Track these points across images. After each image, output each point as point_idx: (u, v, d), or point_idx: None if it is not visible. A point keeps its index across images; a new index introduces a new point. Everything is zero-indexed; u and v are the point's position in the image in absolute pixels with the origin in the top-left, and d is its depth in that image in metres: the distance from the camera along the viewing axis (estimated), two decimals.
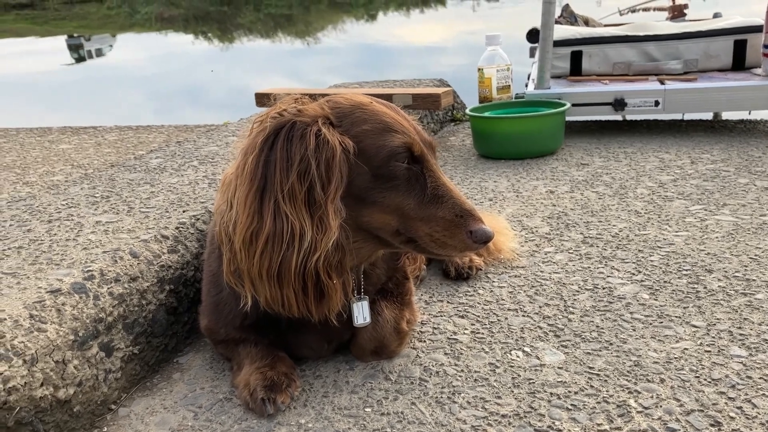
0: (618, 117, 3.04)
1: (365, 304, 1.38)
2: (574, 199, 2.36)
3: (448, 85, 3.75)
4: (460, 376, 1.37)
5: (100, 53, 19.00)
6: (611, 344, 1.45)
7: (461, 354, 1.46)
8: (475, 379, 1.36)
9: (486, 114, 3.00)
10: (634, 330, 1.50)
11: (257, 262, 1.18)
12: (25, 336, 1.20)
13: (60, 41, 21.01)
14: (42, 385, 1.20)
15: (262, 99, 3.21)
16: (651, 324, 1.52)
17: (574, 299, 1.66)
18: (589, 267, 1.83)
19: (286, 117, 1.21)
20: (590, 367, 1.37)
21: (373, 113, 1.25)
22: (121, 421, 1.32)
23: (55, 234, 1.62)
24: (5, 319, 1.20)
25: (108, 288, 1.38)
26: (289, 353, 1.42)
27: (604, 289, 1.71)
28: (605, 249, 1.94)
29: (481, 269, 1.84)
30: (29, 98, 9.78)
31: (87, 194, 1.96)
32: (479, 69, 3.23)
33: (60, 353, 1.24)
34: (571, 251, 1.94)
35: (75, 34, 21.29)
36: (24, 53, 18.97)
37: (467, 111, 2.98)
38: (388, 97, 2.93)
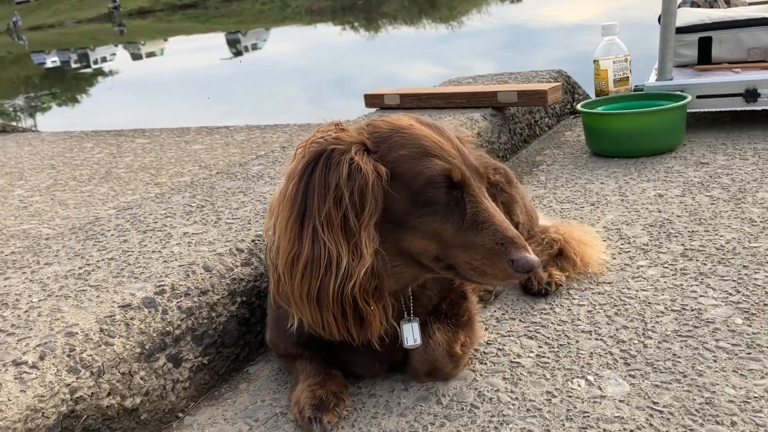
0: (757, 108, 2.76)
1: (416, 325, 1.37)
2: (683, 204, 2.19)
3: (567, 77, 3.59)
4: (513, 405, 1.33)
5: (255, 47, 20.04)
6: (685, 376, 1.34)
7: (520, 380, 1.41)
8: (528, 409, 1.31)
9: (598, 109, 2.85)
10: (715, 361, 1.38)
11: (298, 285, 1.21)
12: (94, 349, 1.30)
13: (220, 37, 22.34)
14: (109, 395, 1.30)
15: (372, 100, 3.24)
16: (736, 355, 1.39)
17: (656, 322, 1.55)
18: (681, 284, 1.70)
19: (323, 144, 1.22)
20: (654, 402, 1.28)
21: (411, 137, 1.23)
22: (184, 429, 1.40)
23: (145, 245, 1.74)
24: (77, 333, 1.31)
25: (177, 302, 1.47)
26: (344, 370, 1.44)
27: (692, 311, 1.58)
28: (705, 263, 1.78)
29: (561, 285, 1.76)
30: (195, 92, 10.53)
31: (185, 203, 2.09)
32: (595, 61, 3.07)
33: (126, 365, 1.34)
34: (666, 265, 1.81)
35: (233, 30, 22.57)
36: (189, 50, 20.39)
37: (578, 106, 2.85)
38: (492, 95, 2.86)
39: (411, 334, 1.37)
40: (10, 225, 2.82)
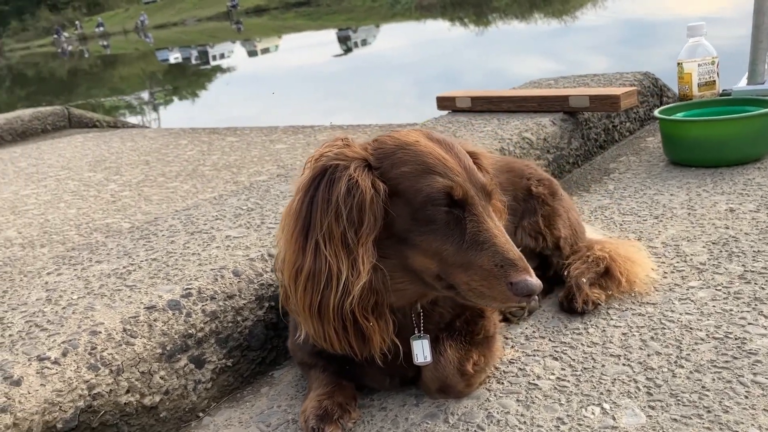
0: None
1: (426, 342, 1.35)
2: (755, 220, 2.04)
3: (655, 80, 3.41)
4: (519, 429, 1.29)
5: (365, 43, 20.32)
6: (709, 411, 1.25)
7: (533, 403, 1.36)
8: None
9: (678, 115, 2.70)
10: (747, 397, 1.28)
11: (301, 297, 1.23)
12: (115, 348, 1.37)
13: (331, 34, 22.79)
14: (128, 392, 1.37)
15: (444, 102, 3.21)
16: None
17: (693, 350, 1.46)
18: (731, 309, 1.59)
19: (328, 159, 1.23)
20: None
21: (415, 154, 1.22)
22: (201, 429, 1.45)
23: (188, 247, 1.81)
24: (101, 332, 1.39)
25: (202, 305, 1.52)
26: (357, 382, 1.44)
27: (735, 339, 1.47)
28: (763, 288, 1.66)
29: (600, 304, 1.68)
30: (307, 88, 10.84)
31: (238, 206, 2.15)
32: (678, 63, 2.90)
33: (146, 365, 1.40)
34: (719, 287, 1.69)
35: (344, 27, 22.97)
36: (302, 46, 20.95)
37: (656, 112, 2.70)
38: (564, 99, 2.77)
39: (421, 351, 1.35)
40: (96, 218, 3.00)
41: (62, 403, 1.27)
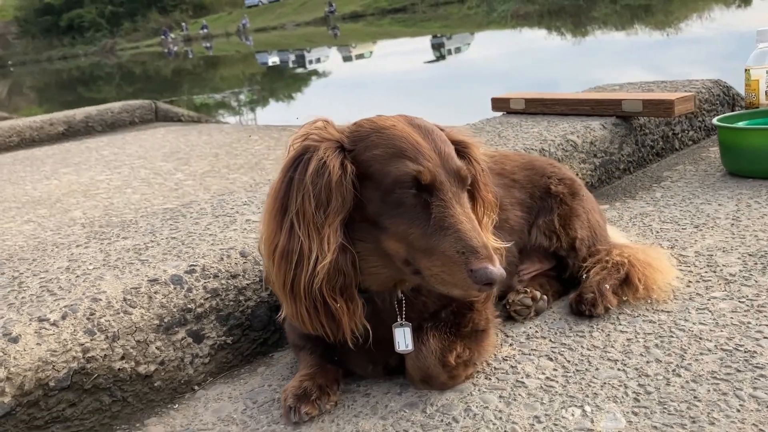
0: None
1: (407, 330, 1.34)
2: None
3: (727, 88, 3.24)
4: (493, 424, 1.26)
5: (458, 51, 20.28)
6: (694, 422, 1.19)
7: (515, 400, 1.33)
8: (506, 431, 1.23)
9: (740, 124, 2.56)
10: (739, 410, 1.20)
11: (276, 275, 1.25)
12: (113, 316, 1.44)
13: (425, 41, 22.85)
14: (122, 359, 1.43)
15: (498, 104, 3.17)
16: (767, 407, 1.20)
17: (696, 360, 1.38)
18: (749, 322, 1.49)
19: (307, 141, 1.25)
20: None
21: (389, 138, 1.22)
22: (192, 402, 1.49)
23: (208, 229, 1.87)
24: (101, 299, 1.45)
25: (204, 282, 1.57)
26: (344, 367, 1.45)
27: (745, 353, 1.38)
28: None
29: (609, 308, 1.61)
30: (398, 93, 10.93)
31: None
32: (746, 70, 2.75)
33: (142, 334, 1.46)
34: (743, 299, 1.60)
35: (438, 34, 22.99)
36: (396, 53, 21.12)
37: (715, 120, 2.57)
38: (617, 103, 2.68)
39: (403, 338, 1.35)
40: (155, 204, 3.14)
41: (56, 362, 1.34)
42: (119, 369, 1.42)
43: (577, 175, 2.49)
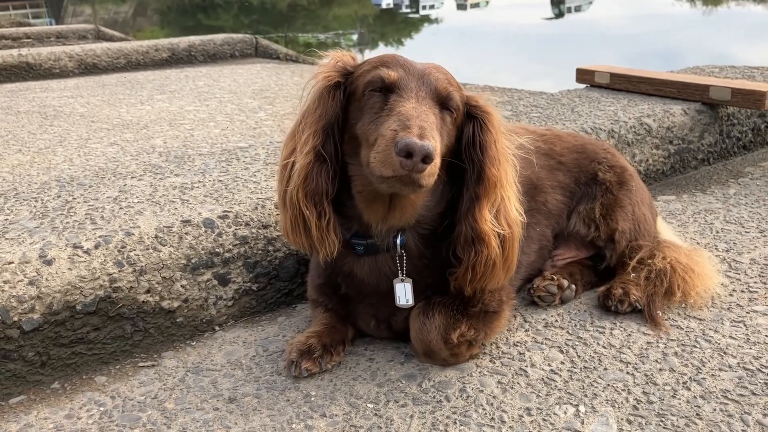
0: None
1: (408, 286, 1.36)
2: None
3: None
4: (483, 409, 1.26)
5: (579, 9, 19.47)
6: None
7: (512, 389, 1.31)
8: (492, 418, 1.23)
9: None
10: None
11: (276, 189, 1.36)
12: (142, 251, 1.51)
13: None
14: (147, 292, 1.50)
15: (583, 75, 3.03)
16: None
17: (713, 375, 1.32)
18: None
19: (320, 68, 1.33)
20: None
21: (380, 58, 1.28)
22: (209, 341, 1.56)
23: (255, 176, 1.91)
24: (134, 234, 1.52)
25: (234, 229, 1.61)
26: (352, 324, 1.48)
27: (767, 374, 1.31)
28: None
29: (635, 307, 1.55)
30: (513, 49, 10.70)
31: None
32: None
33: (169, 272, 1.53)
34: None
35: None
36: (513, 5, 20.51)
37: None
38: (705, 89, 2.51)
39: (403, 293, 1.37)
40: (231, 141, 3.22)
41: (84, 288, 1.43)
42: (143, 302, 1.50)
43: (647, 161, 2.37)
